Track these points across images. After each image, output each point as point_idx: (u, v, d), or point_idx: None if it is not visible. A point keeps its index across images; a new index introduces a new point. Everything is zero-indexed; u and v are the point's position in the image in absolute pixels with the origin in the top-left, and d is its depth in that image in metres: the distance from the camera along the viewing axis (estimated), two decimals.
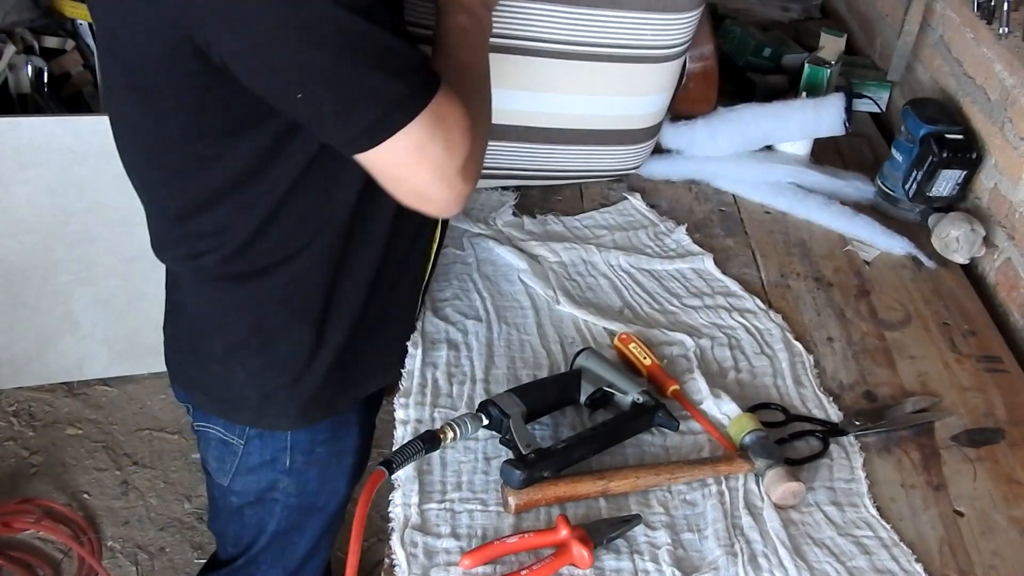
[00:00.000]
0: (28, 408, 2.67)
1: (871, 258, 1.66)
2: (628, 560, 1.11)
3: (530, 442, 1.16)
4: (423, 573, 1.08)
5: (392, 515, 1.15)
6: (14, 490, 2.45)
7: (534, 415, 1.24)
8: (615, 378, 1.28)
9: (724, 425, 1.28)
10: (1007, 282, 1.62)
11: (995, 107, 1.70)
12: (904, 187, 1.73)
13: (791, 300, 1.55)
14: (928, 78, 1.99)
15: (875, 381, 1.41)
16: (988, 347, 1.49)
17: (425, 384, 1.32)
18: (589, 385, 1.27)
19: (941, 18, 1.95)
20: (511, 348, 1.39)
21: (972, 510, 1.23)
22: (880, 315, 1.54)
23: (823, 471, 1.25)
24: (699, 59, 1.82)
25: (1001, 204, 1.66)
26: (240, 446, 1.41)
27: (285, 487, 1.44)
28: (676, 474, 1.20)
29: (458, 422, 1.18)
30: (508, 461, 1.15)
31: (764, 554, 1.13)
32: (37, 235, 2.42)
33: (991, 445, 1.32)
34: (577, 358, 1.31)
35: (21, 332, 2.61)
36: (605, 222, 1.67)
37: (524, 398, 1.22)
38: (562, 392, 1.28)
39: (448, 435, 1.17)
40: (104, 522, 2.41)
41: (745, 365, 1.40)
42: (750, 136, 1.83)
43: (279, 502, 1.47)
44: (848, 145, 1.94)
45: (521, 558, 1.09)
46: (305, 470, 1.44)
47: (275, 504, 1.47)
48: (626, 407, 1.26)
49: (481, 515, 1.15)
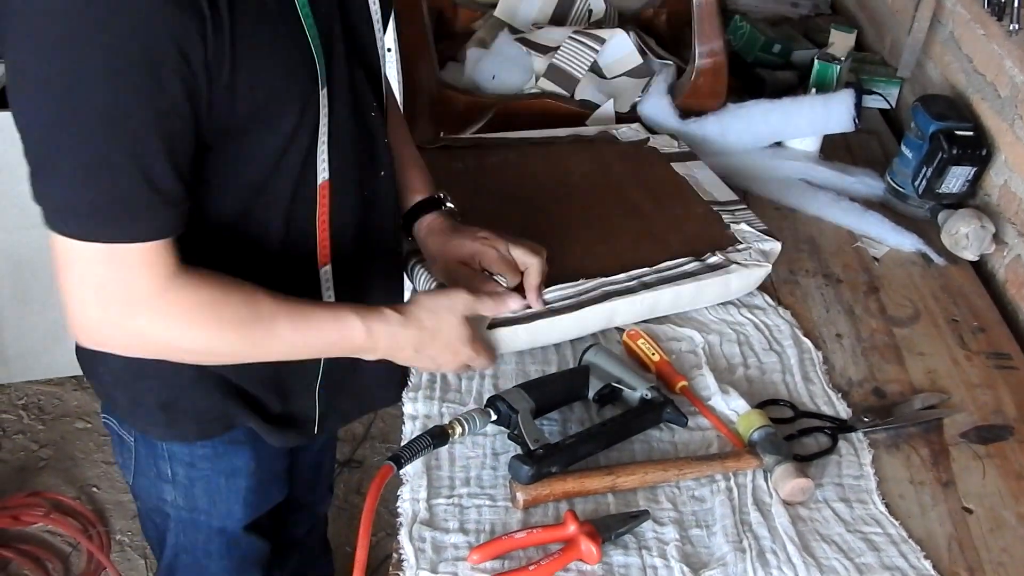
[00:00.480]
0: (37, 401, 2.68)
1: (880, 255, 1.66)
2: (636, 556, 1.11)
3: (538, 437, 1.16)
4: (431, 567, 1.08)
5: (400, 510, 1.15)
6: (23, 483, 2.46)
7: (542, 411, 1.24)
8: (623, 374, 1.28)
9: (732, 421, 1.28)
10: (1017, 279, 1.62)
11: (1005, 104, 1.69)
12: (914, 184, 1.72)
13: (800, 296, 1.55)
14: (938, 74, 1.98)
15: (884, 377, 1.41)
16: (997, 344, 1.49)
17: (434, 379, 1.32)
18: (597, 381, 1.27)
19: (951, 14, 1.94)
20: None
21: (981, 507, 1.22)
22: (889, 311, 1.54)
23: (832, 467, 1.25)
24: (708, 55, 1.82)
25: (1011, 201, 1.66)
26: (132, 445, 1.32)
27: (174, 499, 1.35)
28: (684, 470, 1.20)
29: (466, 417, 1.18)
30: (516, 456, 1.15)
31: (772, 550, 1.13)
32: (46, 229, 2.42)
33: (1000, 442, 1.32)
34: (585, 354, 1.31)
35: (31, 326, 2.61)
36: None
37: (532, 394, 1.22)
38: (570, 388, 1.28)
39: (457, 430, 1.17)
40: (113, 515, 2.42)
41: (754, 361, 1.40)
42: (759, 132, 1.83)
43: (170, 516, 1.38)
44: (858, 141, 1.94)
45: (529, 553, 1.10)
46: (190, 485, 1.33)
47: (168, 518, 1.39)
48: (634, 403, 1.27)
49: (489, 510, 1.15)
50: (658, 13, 2.21)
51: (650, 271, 1.42)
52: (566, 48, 1.96)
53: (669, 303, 1.42)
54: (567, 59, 1.95)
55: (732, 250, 1.47)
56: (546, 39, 2.03)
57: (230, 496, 1.36)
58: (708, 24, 1.80)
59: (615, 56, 1.99)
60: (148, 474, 1.34)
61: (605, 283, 1.38)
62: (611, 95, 1.92)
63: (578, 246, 1.44)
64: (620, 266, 1.41)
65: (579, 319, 1.35)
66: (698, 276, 1.43)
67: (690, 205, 1.58)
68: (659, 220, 1.53)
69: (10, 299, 2.55)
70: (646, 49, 2.02)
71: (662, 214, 1.55)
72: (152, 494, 1.37)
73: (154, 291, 0.99)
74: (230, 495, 1.36)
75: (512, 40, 2.03)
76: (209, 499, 1.35)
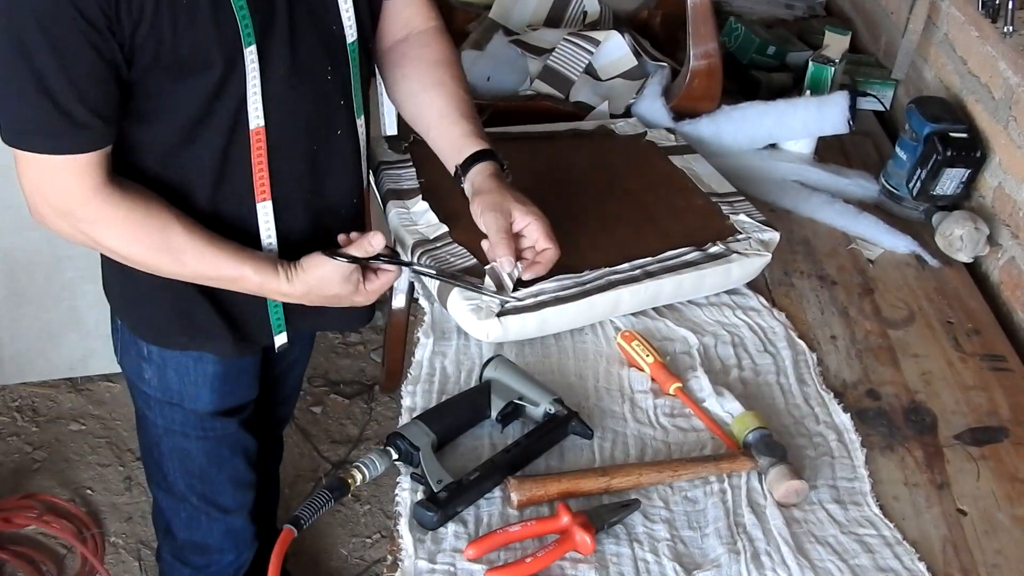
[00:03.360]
0: (31, 403, 2.67)
1: (875, 256, 1.66)
2: (628, 547, 1.12)
3: (441, 478, 1.14)
4: (429, 558, 1.09)
5: (399, 499, 1.16)
6: (17, 486, 2.45)
7: (446, 441, 1.22)
8: (526, 388, 1.26)
9: (727, 423, 1.28)
10: (1011, 281, 1.62)
11: (999, 105, 1.70)
12: (908, 185, 1.73)
13: (794, 298, 1.55)
14: (932, 76, 1.99)
15: (878, 379, 1.41)
16: (992, 346, 1.49)
17: (433, 373, 1.33)
18: (499, 399, 1.25)
19: (946, 16, 1.95)
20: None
21: (975, 509, 1.23)
22: (884, 313, 1.54)
23: (826, 469, 1.25)
24: (703, 57, 1.82)
25: (1005, 203, 1.66)
26: (120, 324, 1.50)
27: (150, 378, 1.51)
28: (679, 471, 1.20)
29: (365, 462, 1.15)
30: (420, 502, 1.13)
31: (767, 552, 1.13)
32: (42, 231, 2.39)
33: (994, 444, 1.32)
34: (486, 368, 1.29)
35: (25, 328, 2.61)
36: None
37: (434, 426, 1.20)
38: (473, 411, 1.25)
39: (356, 478, 1.15)
40: (107, 518, 2.41)
41: (748, 363, 1.40)
42: (754, 134, 1.83)
43: (151, 396, 1.54)
44: (852, 143, 1.94)
45: (525, 545, 1.10)
46: (163, 364, 1.49)
47: (148, 398, 1.55)
48: (538, 419, 1.25)
49: (486, 503, 1.16)
50: (653, 15, 2.21)
51: (653, 260, 1.44)
52: (561, 50, 1.96)
53: (671, 292, 1.45)
54: (562, 61, 1.95)
55: (732, 240, 1.49)
56: (541, 41, 2.03)
57: (199, 379, 1.51)
58: (703, 26, 1.80)
59: (610, 58, 1.99)
60: (130, 352, 1.52)
61: (609, 272, 1.40)
62: (606, 97, 1.92)
63: (582, 238, 1.45)
64: (623, 256, 1.44)
65: (586, 307, 1.37)
66: (700, 265, 1.44)
67: (690, 196, 1.59)
68: (660, 211, 1.55)
69: (4, 301, 2.55)
70: (641, 51, 2.02)
71: (663, 205, 1.56)
72: (134, 372, 1.54)
73: (83, 198, 1.19)
74: (199, 378, 1.51)
75: (507, 42, 2.03)
76: (180, 380, 1.51)
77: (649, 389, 1.33)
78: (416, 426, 1.19)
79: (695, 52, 1.81)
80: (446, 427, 1.21)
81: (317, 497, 1.12)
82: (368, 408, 2.71)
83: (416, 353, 1.36)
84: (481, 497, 1.16)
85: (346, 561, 2.36)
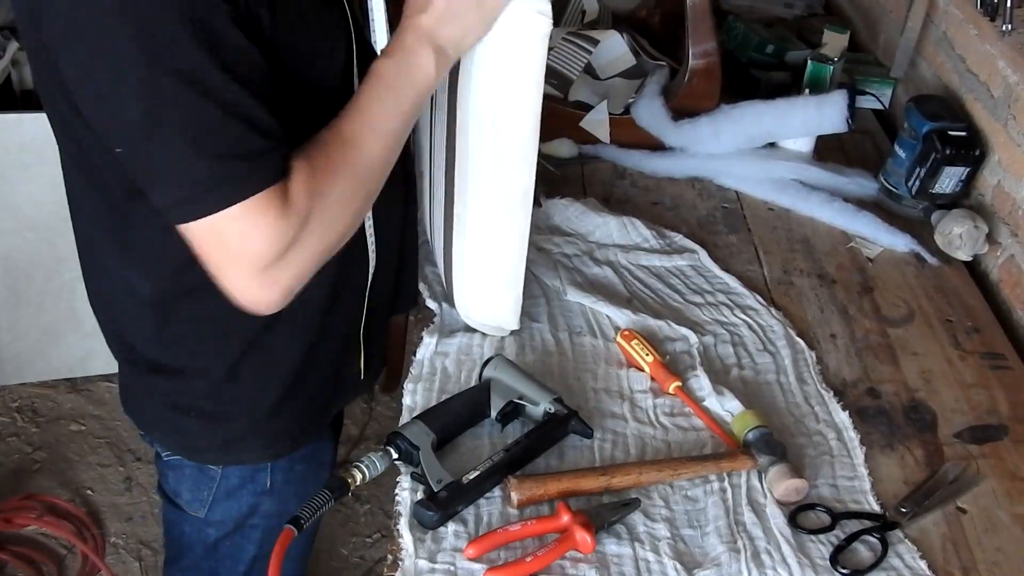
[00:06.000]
0: (31, 404, 2.67)
1: (874, 255, 1.66)
2: (629, 547, 1.12)
3: (441, 477, 1.14)
4: (429, 558, 1.09)
5: (399, 499, 1.16)
6: (17, 486, 2.45)
7: (446, 440, 1.22)
8: (525, 388, 1.26)
9: (727, 422, 1.28)
10: (1010, 279, 1.62)
11: (998, 104, 1.70)
12: (907, 184, 1.72)
13: (794, 297, 1.55)
14: (931, 75, 1.99)
15: (878, 378, 1.41)
16: (991, 344, 1.49)
17: (434, 372, 1.33)
18: (499, 399, 1.25)
19: (944, 14, 1.95)
20: (521, 335, 1.40)
21: (975, 507, 1.23)
22: (883, 312, 1.54)
23: (825, 468, 1.25)
24: (702, 55, 1.82)
25: (1004, 201, 1.66)
26: (218, 471, 1.31)
27: (266, 509, 1.35)
28: (679, 470, 1.20)
29: (366, 462, 1.15)
30: (419, 502, 1.13)
31: (767, 551, 1.13)
32: (41, 232, 2.42)
33: (994, 442, 1.32)
34: (486, 368, 1.29)
35: (25, 328, 2.61)
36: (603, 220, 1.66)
37: (434, 425, 1.19)
38: (473, 410, 1.25)
39: (356, 477, 1.14)
40: (108, 518, 2.41)
41: (748, 362, 1.40)
42: (753, 133, 1.82)
43: (259, 527, 1.37)
44: (851, 142, 1.94)
45: (525, 544, 1.10)
46: (285, 489, 1.35)
47: (255, 530, 1.37)
48: (538, 418, 1.25)
49: (486, 503, 1.16)
50: (652, 14, 2.21)
51: None
52: (560, 49, 1.96)
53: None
54: (561, 60, 1.95)
55: None
56: None
57: (316, 484, 1.32)
58: (702, 25, 1.80)
59: (609, 57, 1.99)
60: (237, 494, 1.32)
61: None
62: (605, 96, 1.92)
63: None
64: None
65: None
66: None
67: None
68: None
69: (4, 302, 2.55)
70: (640, 50, 2.02)
71: None
72: (236, 516, 1.35)
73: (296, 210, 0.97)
74: (317, 483, 1.33)
75: None
76: (300, 499, 1.31)
77: (649, 388, 1.34)
78: (416, 425, 1.19)
79: (694, 51, 1.81)
80: (446, 426, 1.21)
81: (318, 497, 1.12)
82: (368, 408, 2.71)
83: (418, 352, 1.37)
84: (481, 496, 1.16)
85: (346, 561, 2.37)
